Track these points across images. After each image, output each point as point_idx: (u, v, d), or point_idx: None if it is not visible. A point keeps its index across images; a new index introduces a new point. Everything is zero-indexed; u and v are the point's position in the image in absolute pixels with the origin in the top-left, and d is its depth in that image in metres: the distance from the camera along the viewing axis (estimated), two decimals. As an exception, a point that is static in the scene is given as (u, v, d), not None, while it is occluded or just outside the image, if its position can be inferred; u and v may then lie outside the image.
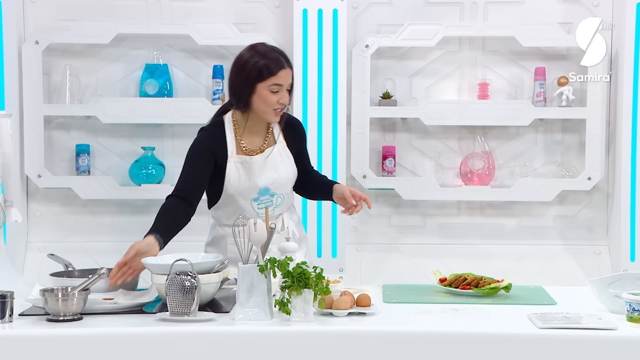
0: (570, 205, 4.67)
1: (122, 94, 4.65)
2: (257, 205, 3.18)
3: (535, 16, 4.57)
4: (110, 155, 4.68)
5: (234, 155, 3.16)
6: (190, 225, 4.66)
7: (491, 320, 2.63)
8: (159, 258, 2.79)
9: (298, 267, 2.55)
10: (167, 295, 2.55)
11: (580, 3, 4.58)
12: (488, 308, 2.76)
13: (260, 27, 4.64)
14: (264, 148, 3.20)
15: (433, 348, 2.44)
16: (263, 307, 2.56)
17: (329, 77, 4.46)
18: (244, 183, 3.16)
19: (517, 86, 4.65)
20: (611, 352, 2.39)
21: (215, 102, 4.56)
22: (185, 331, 2.48)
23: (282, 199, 3.23)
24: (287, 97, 3.11)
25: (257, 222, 2.62)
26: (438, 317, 2.68)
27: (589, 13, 4.56)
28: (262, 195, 3.19)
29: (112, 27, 4.50)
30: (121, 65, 4.65)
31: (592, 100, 4.48)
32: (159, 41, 4.61)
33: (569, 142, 4.66)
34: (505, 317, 2.65)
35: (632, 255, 4.43)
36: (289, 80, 3.10)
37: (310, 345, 2.47)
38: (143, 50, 4.63)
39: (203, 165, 3.13)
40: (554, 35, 4.49)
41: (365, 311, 2.64)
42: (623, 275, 2.70)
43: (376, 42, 4.53)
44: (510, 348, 2.42)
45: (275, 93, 3.08)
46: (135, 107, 4.54)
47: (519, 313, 2.64)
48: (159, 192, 4.57)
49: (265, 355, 2.47)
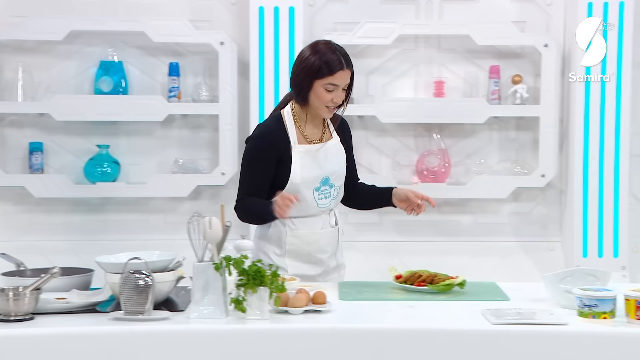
0: (525, 202, 4.73)
1: (76, 91, 4.60)
2: (318, 195, 3.21)
3: (489, 15, 4.62)
4: (64, 153, 4.63)
5: (297, 145, 3.19)
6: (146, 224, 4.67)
7: (445, 317, 2.65)
8: (113, 257, 2.77)
9: (253, 265, 2.55)
10: (121, 294, 2.53)
11: (533, 2, 4.64)
12: (442, 304, 2.78)
13: (217, 24, 4.62)
14: (323, 139, 3.26)
15: (388, 345, 2.45)
16: (218, 305, 2.56)
17: (286, 75, 4.45)
18: (309, 171, 3.19)
19: (472, 84, 4.69)
20: (562, 347, 2.42)
21: (171, 99, 4.54)
22: (139, 330, 2.46)
23: (338, 192, 3.28)
24: (341, 97, 3.15)
25: (212, 220, 2.61)
26: (393, 313, 2.69)
27: (542, 12, 4.63)
28: (323, 185, 3.22)
29: (66, 23, 4.45)
30: (75, 62, 4.61)
31: (546, 98, 4.54)
32: (113, 38, 4.58)
33: (523, 140, 4.71)
34: (459, 314, 2.67)
35: (584, 251, 4.49)
36: (345, 81, 3.14)
37: (265, 343, 2.47)
38: (97, 47, 4.59)
39: (266, 168, 3.17)
40: (508, 33, 4.54)
41: (320, 308, 2.64)
42: (575, 271, 2.74)
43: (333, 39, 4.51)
44: (463, 344, 2.44)
45: (331, 92, 3.12)
46: (90, 104, 4.50)
47: (473, 309, 2.66)
48: (114, 190, 4.55)
49: (220, 353, 2.46)
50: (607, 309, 2.49)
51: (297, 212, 3.19)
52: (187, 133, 4.69)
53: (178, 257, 2.81)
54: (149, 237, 4.62)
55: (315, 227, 3.23)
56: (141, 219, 4.69)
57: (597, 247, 4.49)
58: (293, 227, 3.21)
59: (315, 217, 3.24)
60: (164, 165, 4.67)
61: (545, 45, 4.51)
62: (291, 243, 3.20)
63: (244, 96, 4.56)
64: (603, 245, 4.48)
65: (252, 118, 4.47)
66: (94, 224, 4.66)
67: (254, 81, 4.46)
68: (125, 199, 4.65)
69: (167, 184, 4.56)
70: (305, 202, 3.18)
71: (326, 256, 3.25)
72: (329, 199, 3.24)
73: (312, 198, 3.20)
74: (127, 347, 2.45)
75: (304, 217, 3.22)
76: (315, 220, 3.24)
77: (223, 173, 4.55)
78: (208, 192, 4.69)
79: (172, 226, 4.60)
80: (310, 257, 3.22)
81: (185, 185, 4.57)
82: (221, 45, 4.51)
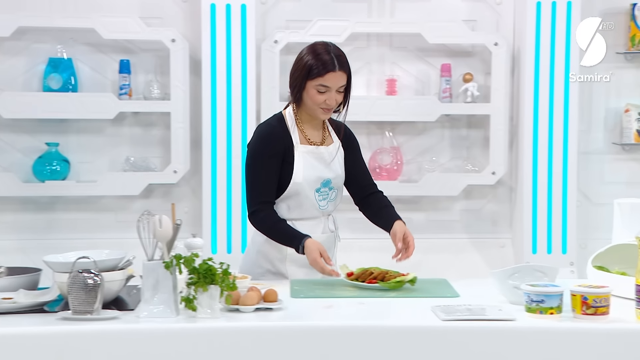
0: (476, 199, 4.78)
1: (25, 88, 4.53)
2: (319, 196, 3.19)
3: (441, 14, 4.66)
4: (12, 151, 4.56)
5: (300, 145, 3.17)
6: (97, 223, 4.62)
7: (395, 313, 2.67)
8: (61, 256, 2.73)
9: (204, 264, 2.54)
10: (69, 294, 2.50)
11: (484, 1, 4.69)
12: (393, 301, 2.79)
13: (168, 21, 4.59)
14: (323, 142, 3.23)
15: (338, 342, 2.45)
16: (168, 304, 2.54)
17: (238, 72, 4.45)
18: (312, 172, 3.16)
19: (424, 82, 4.72)
20: (510, 342, 2.45)
21: (122, 97, 4.50)
22: (87, 330, 2.43)
23: (336, 195, 3.25)
24: (334, 99, 3.10)
25: (162, 218, 2.60)
26: (344, 311, 2.70)
27: (492, 11, 4.68)
28: (324, 187, 3.20)
29: (13, 19, 4.39)
30: (23, 59, 4.54)
31: (496, 96, 4.60)
32: (62, 35, 4.52)
33: (474, 138, 4.76)
34: (409, 310, 2.69)
35: (533, 248, 4.55)
36: (338, 83, 3.09)
37: (216, 341, 2.46)
38: (46, 44, 4.53)
39: (272, 167, 3.14)
40: (459, 32, 4.58)
41: (271, 306, 2.64)
42: (523, 267, 2.77)
43: (285, 37, 4.54)
44: (413, 340, 2.46)
45: (322, 93, 3.09)
46: (39, 102, 4.44)
47: (423, 306, 2.68)
48: (64, 188, 4.50)
49: (171, 352, 2.45)
50: (554, 305, 2.52)
51: (298, 214, 3.19)
52: (139, 131, 4.65)
53: (128, 256, 2.79)
54: (100, 236, 4.58)
55: (316, 231, 3.20)
56: (92, 217, 4.64)
57: (546, 243, 4.56)
58: None
59: (316, 220, 3.22)
60: (115, 164, 4.63)
61: (496, 43, 4.56)
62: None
63: (195, 94, 4.54)
64: (552, 241, 4.55)
65: (204, 116, 4.45)
66: (43, 223, 4.60)
67: (206, 79, 4.44)
68: (75, 198, 4.59)
69: (118, 182, 4.52)
70: (307, 202, 3.17)
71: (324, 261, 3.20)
72: (326, 201, 3.22)
73: (313, 199, 3.18)
74: (75, 347, 2.42)
75: (306, 219, 3.21)
76: (316, 224, 3.22)
77: (175, 171, 4.53)
78: (160, 191, 4.66)
79: (124, 225, 4.56)
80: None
81: (136, 184, 4.54)
82: (172, 42, 4.48)
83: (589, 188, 4.75)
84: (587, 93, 4.69)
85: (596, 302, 2.50)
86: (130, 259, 2.79)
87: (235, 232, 4.47)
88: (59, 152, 4.53)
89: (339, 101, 3.14)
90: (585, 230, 4.68)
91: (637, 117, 4.61)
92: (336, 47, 3.16)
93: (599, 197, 4.72)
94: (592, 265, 2.95)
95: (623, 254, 2.90)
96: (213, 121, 4.45)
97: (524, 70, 4.51)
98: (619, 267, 2.90)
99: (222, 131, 4.45)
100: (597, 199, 4.73)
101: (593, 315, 2.50)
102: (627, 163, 4.76)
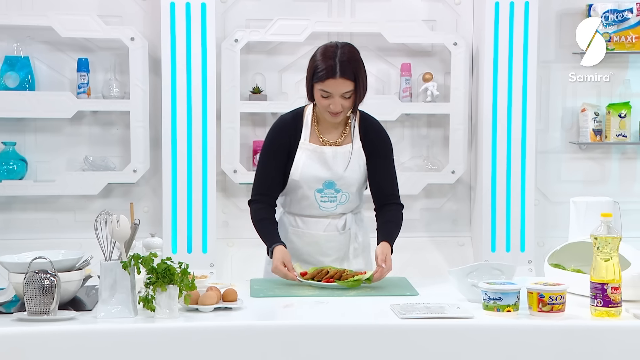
0: (436, 198, 4.80)
1: (-19, 86, 4.47)
2: (321, 197, 3.16)
3: (400, 13, 4.67)
4: (-32, 150, 4.49)
5: (306, 142, 3.14)
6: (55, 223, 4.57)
7: (354, 312, 2.67)
8: (17, 256, 2.70)
9: (163, 263, 2.52)
10: (25, 295, 2.48)
11: (443, 1, 4.71)
12: (352, 300, 2.80)
13: (127, 20, 4.56)
14: (339, 143, 3.17)
15: (298, 341, 2.46)
16: (126, 304, 2.52)
17: (198, 71, 4.42)
18: (311, 170, 3.13)
19: (384, 82, 4.74)
20: (468, 339, 2.47)
21: (80, 96, 4.45)
22: (44, 330, 2.41)
23: (347, 198, 3.17)
24: (338, 104, 3.04)
25: (120, 217, 2.57)
26: (303, 310, 2.70)
27: (451, 11, 4.70)
28: (327, 189, 3.15)
29: (-32, 17, 4.32)
30: (-21, 57, 4.48)
31: (456, 95, 4.62)
32: (19, 33, 4.46)
33: (434, 137, 4.79)
34: (368, 309, 2.70)
35: (492, 246, 4.59)
36: (339, 89, 3.03)
37: (175, 341, 2.45)
38: (2, 42, 4.47)
39: (277, 160, 3.15)
40: (419, 32, 4.60)
41: (231, 306, 2.63)
42: (480, 265, 2.80)
43: (245, 36, 4.53)
44: (372, 338, 2.47)
45: (326, 98, 3.05)
46: (-5, 100, 4.38)
47: (382, 304, 2.70)
48: (21, 188, 4.45)
49: (129, 352, 2.43)
50: (511, 302, 2.55)
51: (298, 210, 3.20)
52: (98, 130, 4.61)
53: (85, 256, 2.76)
54: (59, 236, 4.53)
55: (318, 229, 3.19)
56: (50, 217, 4.59)
57: (505, 242, 4.59)
58: (295, 226, 3.21)
59: (319, 219, 3.20)
60: (74, 163, 4.58)
61: (455, 43, 4.59)
62: (292, 241, 3.18)
63: (155, 93, 4.50)
64: (510, 240, 4.59)
65: (164, 115, 4.42)
66: (0, 223, 4.53)
67: (166, 77, 4.41)
68: (33, 197, 4.54)
69: (77, 182, 4.47)
70: (305, 201, 3.16)
71: (329, 259, 3.18)
72: (335, 204, 3.17)
73: (313, 198, 3.16)
74: (32, 348, 2.40)
75: (308, 216, 3.20)
76: (319, 222, 3.20)
77: (135, 170, 4.49)
78: (119, 190, 4.62)
79: (83, 225, 4.51)
80: (311, 258, 3.19)
81: (95, 183, 4.49)
82: (132, 41, 4.44)
83: (547, 187, 4.80)
84: (544, 93, 4.74)
85: (552, 299, 2.53)
86: (88, 259, 2.76)
87: (195, 232, 4.45)
88: (16, 152, 4.47)
89: (345, 106, 3.07)
90: (543, 228, 4.73)
91: (593, 116, 4.66)
92: (348, 50, 3.09)
93: (556, 195, 4.77)
94: (549, 263, 2.99)
95: (579, 252, 2.94)
96: (173, 120, 4.42)
97: (483, 70, 4.54)
98: (574, 265, 2.94)
99: (182, 130, 4.42)
100: (554, 198, 4.78)
101: (549, 312, 2.53)
102: (584, 162, 4.82)
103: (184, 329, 2.47)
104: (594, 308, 2.55)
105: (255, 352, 2.45)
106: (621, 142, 4.69)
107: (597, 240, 2.54)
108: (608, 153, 4.82)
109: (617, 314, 2.54)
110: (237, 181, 4.54)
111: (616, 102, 4.69)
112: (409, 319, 2.51)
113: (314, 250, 3.19)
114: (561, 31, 4.74)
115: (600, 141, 4.69)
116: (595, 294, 2.55)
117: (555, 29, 4.73)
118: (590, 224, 2.67)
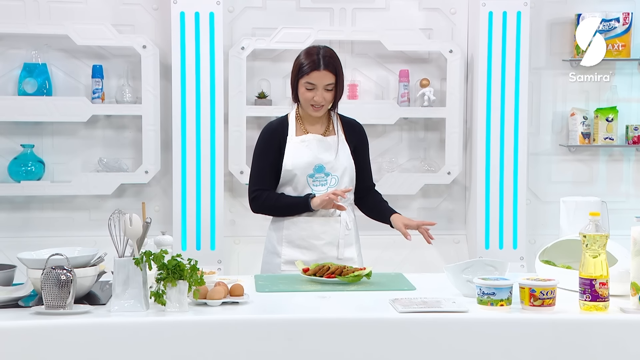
0: (432, 198, 4.80)
1: (1, 92, 4.48)
2: (313, 182, 3.26)
3: (399, 22, 4.68)
4: (-12, 153, 4.50)
5: (294, 137, 3.27)
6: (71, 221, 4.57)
7: (355, 306, 2.68)
8: (35, 253, 2.70)
9: (173, 260, 2.53)
10: (43, 289, 2.48)
11: (439, 11, 4.71)
12: (353, 295, 2.80)
13: (139, 28, 4.56)
14: (324, 134, 3.32)
15: (301, 334, 2.46)
16: (139, 299, 2.52)
17: (207, 77, 4.43)
18: (302, 157, 3.25)
19: (383, 87, 4.74)
20: (463, 332, 2.47)
21: (94, 100, 4.46)
22: (60, 323, 2.41)
23: (337, 181, 3.28)
24: (321, 96, 3.21)
25: (132, 216, 2.58)
26: (306, 304, 2.70)
27: (447, 20, 4.70)
28: (317, 173, 3.26)
29: (-11, 26, 4.33)
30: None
31: (451, 100, 4.62)
32: (37, 41, 4.46)
33: (431, 140, 4.79)
34: (368, 303, 2.70)
35: (486, 243, 4.59)
36: (323, 81, 3.20)
37: (185, 334, 2.45)
38: (21, 50, 4.47)
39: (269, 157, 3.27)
40: (416, 40, 4.60)
41: (238, 300, 2.63)
42: (475, 262, 2.80)
43: (251, 44, 4.53)
44: (372, 331, 2.47)
45: (310, 91, 3.21)
46: (14, 105, 4.39)
47: (382, 299, 2.70)
48: (39, 188, 4.45)
49: (141, 344, 2.44)
50: (504, 297, 2.55)
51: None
52: (111, 133, 4.62)
53: (100, 253, 2.77)
54: (74, 234, 4.54)
55: (312, 213, 3.27)
56: (66, 216, 4.59)
57: (498, 239, 4.59)
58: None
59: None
60: (88, 164, 4.59)
61: (450, 51, 4.59)
62: (287, 227, 3.27)
63: (166, 97, 4.51)
64: (503, 237, 4.59)
65: (175, 118, 4.42)
66: (19, 222, 4.54)
67: (176, 83, 4.42)
68: (50, 197, 4.54)
69: (92, 183, 4.48)
70: (300, 187, 3.26)
71: (321, 243, 3.28)
72: (325, 187, 3.28)
73: (305, 183, 3.26)
74: (49, 340, 2.40)
75: None
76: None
77: (146, 171, 4.50)
78: (132, 190, 4.62)
79: (97, 223, 4.52)
80: (304, 242, 3.27)
81: (109, 184, 4.50)
82: (143, 48, 4.45)
83: (538, 187, 4.80)
84: (536, 98, 4.74)
85: (543, 294, 2.53)
86: (102, 255, 2.77)
87: (204, 230, 4.45)
88: (34, 154, 4.48)
89: (327, 99, 3.24)
90: (535, 226, 4.73)
91: (582, 120, 4.67)
92: (329, 49, 3.27)
93: (546, 195, 4.77)
94: (540, 259, 2.99)
95: (568, 249, 2.94)
96: (183, 124, 4.43)
97: (477, 76, 4.54)
98: (564, 261, 2.94)
99: (192, 133, 4.43)
100: (545, 197, 4.78)
101: (540, 306, 2.53)
102: (573, 163, 4.82)
103: (194, 322, 2.48)
104: (582, 302, 2.55)
105: (261, 344, 2.46)
106: (608, 145, 4.69)
107: (586, 238, 2.54)
108: (596, 155, 4.81)
109: (604, 308, 2.54)
110: (243, 182, 4.54)
111: (604, 107, 4.70)
112: (407, 312, 2.51)
113: (307, 234, 3.27)
114: (551, 39, 4.74)
115: (588, 144, 4.69)
116: (584, 289, 2.55)
117: (545, 38, 4.73)
118: (579, 223, 2.68)
